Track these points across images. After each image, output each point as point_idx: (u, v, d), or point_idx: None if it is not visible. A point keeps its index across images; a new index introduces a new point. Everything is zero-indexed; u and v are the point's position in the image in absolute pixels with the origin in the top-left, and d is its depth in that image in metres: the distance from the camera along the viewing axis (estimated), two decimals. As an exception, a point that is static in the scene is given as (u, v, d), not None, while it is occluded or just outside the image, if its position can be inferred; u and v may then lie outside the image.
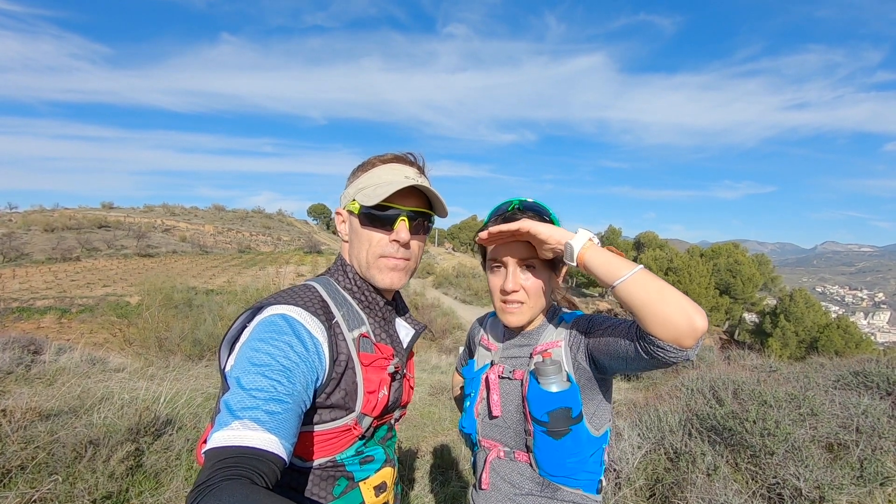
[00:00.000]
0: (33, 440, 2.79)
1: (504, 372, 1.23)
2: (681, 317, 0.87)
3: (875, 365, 5.00)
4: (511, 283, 1.16)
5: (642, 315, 0.91)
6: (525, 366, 1.21)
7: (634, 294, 0.92)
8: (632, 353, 0.99)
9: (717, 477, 2.90)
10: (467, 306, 33.63)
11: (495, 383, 1.23)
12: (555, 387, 1.10)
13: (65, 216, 54.69)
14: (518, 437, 1.19)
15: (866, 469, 2.88)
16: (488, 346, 1.34)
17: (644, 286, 0.92)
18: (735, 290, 43.09)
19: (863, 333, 37.24)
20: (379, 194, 1.03)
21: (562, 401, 1.09)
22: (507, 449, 1.21)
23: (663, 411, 3.77)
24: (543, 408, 1.10)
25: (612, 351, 1.05)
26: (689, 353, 0.91)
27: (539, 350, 1.19)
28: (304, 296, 1.01)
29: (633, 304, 0.92)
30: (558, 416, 1.09)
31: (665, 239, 58.82)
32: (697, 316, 0.87)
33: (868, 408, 3.51)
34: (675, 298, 0.89)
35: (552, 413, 1.09)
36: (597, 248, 1.01)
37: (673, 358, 0.92)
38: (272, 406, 0.78)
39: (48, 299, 28.30)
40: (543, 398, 1.10)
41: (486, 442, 1.26)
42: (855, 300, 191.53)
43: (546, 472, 1.15)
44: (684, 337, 0.88)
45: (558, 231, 1.05)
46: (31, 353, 5.47)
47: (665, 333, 0.89)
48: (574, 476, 1.15)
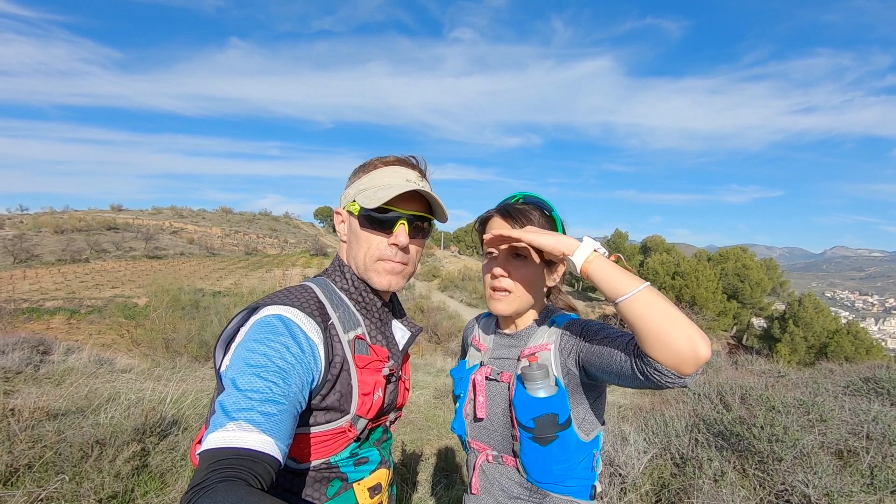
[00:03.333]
0: (41, 439, 2.81)
1: (491, 373, 1.21)
2: (685, 342, 0.83)
3: (886, 371, 4.93)
4: (499, 267, 1.15)
5: (644, 335, 0.88)
6: (513, 368, 1.19)
7: (638, 313, 0.88)
8: (626, 371, 0.95)
9: (725, 483, 2.86)
10: (473, 309, 33.58)
11: (482, 385, 1.21)
12: (541, 392, 1.07)
13: (74, 218, 55.29)
14: (505, 441, 1.16)
15: (876, 476, 2.83)
16: (479, 346, 1.32)
17: (649, 306, 0.88)
18: (743, 294, 42.72)
19: (873, 339, 36.78)
20: (380, 197, 1.02)
21: (548, 407, 1.06)
22: (496, 453, 1.19)
23: (669, 416, 3.74)
24: (529, 413, 1.07)
25: (605, 364, 1.00)
26: (688, 381, 0.88)
27: (526, 353, 1.16)
28: (300, 297, 1.00)
29: (636, 323, 0.88)
30: (544, 422, 1.06)
31: (672, 243, 58.51)
32: (702, 344, 0.84)
33: (879, 414, 3.47)
34: (681, 322, 0.85)
35: (538, 419, 1.06)
36: (602, 259, 0.97)
37: (669, 383, 0.88)
38: (268, 407, 0.78)
39: (57, 300, 28.61)
40: (529, 404, 1.07)
41: (475, 444, 1.24)
42: (865, 306, 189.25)
43: (533, 479, 1.12)
44: (686, 364, 0.84)
45: (562, 240, 1.01)
46: (40, 354, 5.53)
47: (666, 358, 0.85)
48: (562, 482, 1.12)
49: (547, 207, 1.20)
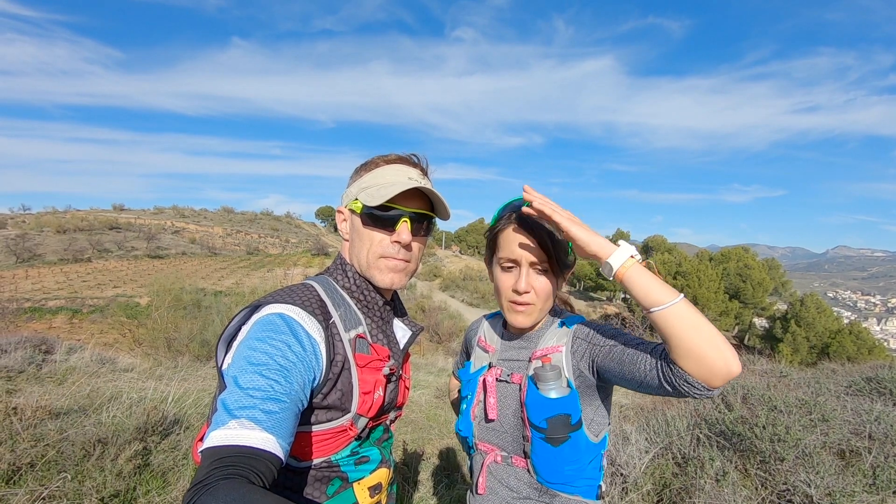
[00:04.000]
0: (43, 438, 2.82)
1: (502, 375, 1.21)
2: (718, 357, 0.85)
3: (888, 371, 4.92)
4: (524, 283, 1.12)
5: (677, 347, 0.88)
6: (524, 369, 1.19)
7: (673, 324, 0.88)
8: (652, 381, 0.95)
9: (726, 483, 2.86)
10: (474, 309, 33.59)
11: (492, 386, 1.21)
12: (554, 393, 1.07)
13: (76, 218, 55.43)
14: (515, 441, 1.17)
15: (879, 476, 2.83)
16: (486, 347, 1.31)
17: (684, 318, 0.88)
18: (745, 294, 42.65)
19: (875, 339, 36.66)
20: (382, 195, 1.03)
21: (561, 407, 1.07)
22: (505, 453, 1.19)
23: (671, 415, 3.73)
24: (542, 414, 1.07)
25: (627, 372, 1.00)
26: (714, 393, 0.90)
27: (538, 354, 1.16)
28: (301, 295, 1.00)
29: (670, 334, 0.89)
30: (557, 422, 1.07)
31: (673, 243, 58.45)
32: (734, 359, 0.86)
33: (881, 414, 3.46)
34: (715, 337, 0.86)
35: (551, 420, 1.07)
36: (638, 267, 0.96)
37: (698, 394, 0.89)
38: (270, 405, 0.78)
39: (60, 299, 28.69)
40: (542, 404, 1.07)
41: (483, 445, 1.24)
42: (867, 306, 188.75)
43: (543, 479, 1.13)
44: (717, 378, 0.86)
45: (598, 240, 1.00)
46: (42, 353, 5.54)
47: (698, 371, 0.87)
48: (572, 483, 1.13)
49: None
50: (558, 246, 1.12)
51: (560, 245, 1.12)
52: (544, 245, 1.10)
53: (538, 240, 1.10)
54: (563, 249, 1.13)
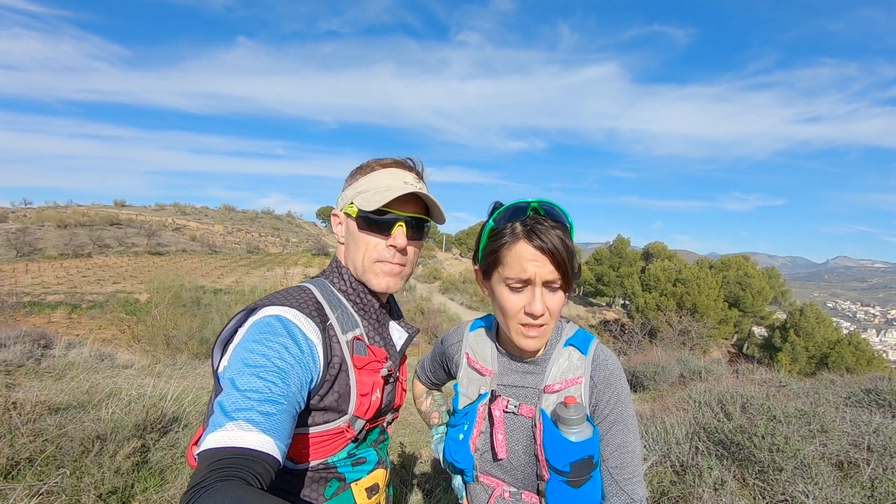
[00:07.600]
0: (42, 433, 2.82)
1: (508, 406, 1.10)
2: None
3: (887, 383, 4.91)
4: (540, 305, 0.99)
5: None
6: (533, 399, 1.09)
7: None
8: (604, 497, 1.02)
9: (724, 492, 2.85)
10: (473, 312, 33.55)
11: (500, 420, 1.09)
12: (577, 437, 0.98)
13: (78, 213, 55.46)
14: (527, 479, 1.08)
15: (877, 489, 2.82)
16: (481, 370, 1.17)
17: None
18: (744, 303, 42.58)
19: (875, 350, 36.59)
20: (378, 199, 1.03)
21: (586, 450, 0.99)
22: (513, 489, 1.10)
23: (670, 423, 3.73)
24: (566, 459, 0.99)
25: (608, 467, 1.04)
26: None
27: (556, 388, 1.07)
28: (298, 297, 1.00)
29: None
30: (581, 465, 0.99)
31: (673, 250, 58.34)
32: None
33: (880, 426, 3.45)
34: None
35: (575, 464, 0.99)
36: None
37: None
38: (267, 407, 0.78)
39: (59, 294, 28.68)
40: (566, 449, 0.98)
41: (487, 479, 1.14)
42: (867, 316, 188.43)
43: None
44: None
45: None
46: (41, 348, 5.55)
47: None
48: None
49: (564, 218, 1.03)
50: (573, 258, 1.00)
51: (573, 256, 1.01)
52: (560, 262, 0.97)
53: (554, 257, 0.97)
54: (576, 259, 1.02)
